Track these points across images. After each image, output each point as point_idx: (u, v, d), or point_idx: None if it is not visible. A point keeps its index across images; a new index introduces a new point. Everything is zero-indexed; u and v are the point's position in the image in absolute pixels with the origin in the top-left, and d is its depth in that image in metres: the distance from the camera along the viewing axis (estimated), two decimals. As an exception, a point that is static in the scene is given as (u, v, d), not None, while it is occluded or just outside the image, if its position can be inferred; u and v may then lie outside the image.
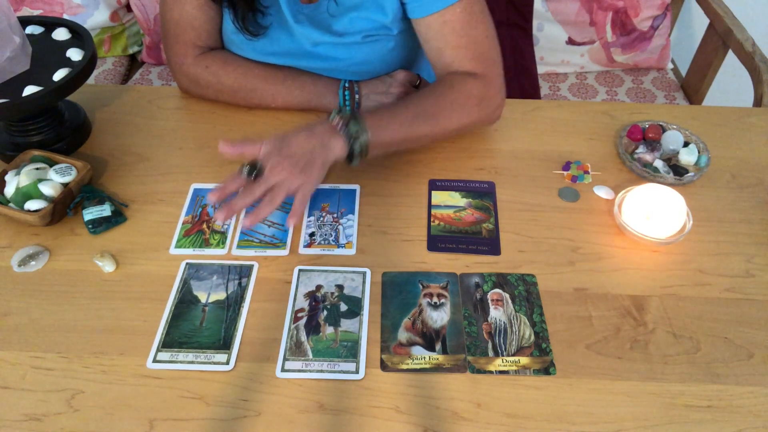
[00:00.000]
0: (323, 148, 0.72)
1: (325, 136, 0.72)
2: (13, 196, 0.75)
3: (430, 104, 0.79)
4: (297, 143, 0.71)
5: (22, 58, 0.81)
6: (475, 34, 0.82)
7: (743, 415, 0.59)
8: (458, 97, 0.81)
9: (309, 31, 0.86)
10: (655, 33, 1.46)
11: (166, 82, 1.49)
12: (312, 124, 0.73)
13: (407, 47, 0.91)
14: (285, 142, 0.71)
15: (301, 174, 0.70)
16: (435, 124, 0.80)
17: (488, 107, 0.84)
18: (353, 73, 0.92)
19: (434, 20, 0.81)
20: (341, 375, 0.62)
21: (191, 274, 0.71)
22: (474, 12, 0.82)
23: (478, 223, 0.77)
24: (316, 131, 0.72)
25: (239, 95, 0.92)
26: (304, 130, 0.72)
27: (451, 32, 0.81)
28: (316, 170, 0.71)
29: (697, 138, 0.87)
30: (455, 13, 0.80)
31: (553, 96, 1.48)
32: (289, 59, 0.91)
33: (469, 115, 0.82)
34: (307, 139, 0.72)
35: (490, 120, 0.87)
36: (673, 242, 0.74)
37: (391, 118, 0.77)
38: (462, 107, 0.81)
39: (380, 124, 0.75)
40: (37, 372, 0.62)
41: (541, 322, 0.67)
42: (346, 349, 0.64)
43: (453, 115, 0.81)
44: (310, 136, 0.72)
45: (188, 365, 0.63)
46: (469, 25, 0.81)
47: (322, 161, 0.72)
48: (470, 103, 0.82)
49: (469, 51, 0.82)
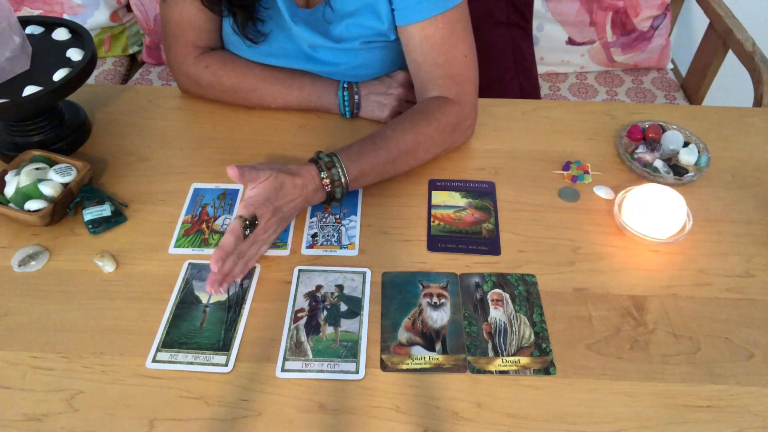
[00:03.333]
0: (304, 204, 0.74)
1: (310, 194, 0.73)
2: (13, 196, 0.75)
3: (410, 141, 0.79)
4: (288, 196, 0.71)
5: (22, 58, 0.81)
6: (454, 53, 0.82)
7: (743, 415, 0.59)
8: (434, 130, 0.80)
9: (307, 34, 0.86)
10: (655, 33, 1.46)
11: (166, 82, 1.49)
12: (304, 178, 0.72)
13: None
14: (281, 195, 0.71)
15: (278, 230, 0.73)
16: (413, 160, 0.81)
17: (461, 133, 0.85)
18: (352, 76, 0.92)
19: (416, 31, 0.81)
20: (341, 375, 0.62)
21: (193, 275, 0.71)
22: (456, 30, 0.81)
23: (478, 223, 0.77)
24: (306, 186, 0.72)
25: (239, 95, 0.92)
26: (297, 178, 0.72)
27: (431, 48, 0.81)
28: (287, 223, 0.75)
29: (697, 138, 0.87)
30: (437, 27, 0.80)
31: (553, 96, 1.48)
32: (287, 61, 0.91)
33: (443, 144, 0.83)
34: (296, 192, 0.72)
35: (462, 142, 0.87)
36: (673, 242, 0.74)
37: (371, 164, 0.76)
38: (438, 139, 0.81)
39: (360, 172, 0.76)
40: (37, 372, 0.62)
41: (541, 322, 0.67)
42: (346, 349, 0.64)
43: (430, 148, 0.82)
44: (300, 189, 0.72)
45: (187, 366, 0.63)
46: (449, 43, 0.81)
47: (294, 215, 0.76)
48: (446, 132, 0.82)
49: (446, 70, 0.82)
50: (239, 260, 0.68)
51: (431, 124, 0.80)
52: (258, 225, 0.69)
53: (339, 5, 0.85)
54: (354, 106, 0.91)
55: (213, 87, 0.92)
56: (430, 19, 0.80)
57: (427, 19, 0.80)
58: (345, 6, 0.85)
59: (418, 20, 0.80)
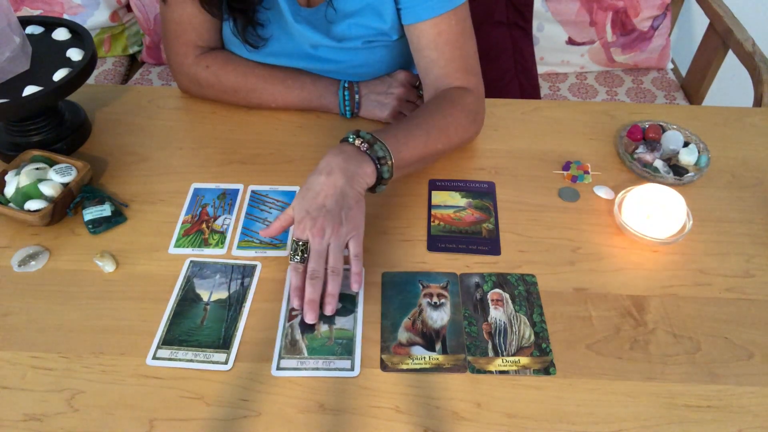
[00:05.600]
0: (351, 181, 0.66)
1: (350, 164, 0.66)
2: (13, 196, 0.75)
3: (439, 120, 0.78)
4: (322, 191, 0.65)
5: (22, 58, 0.81)
6: (467, 48, 0.83)
7: (743, 415, 0.59)
8: (460, 113, 0.81)
9: (309, 33, 0.86)
10: (655, 33, 1.46)
11: (166, 82, 1.49)
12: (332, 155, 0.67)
13: (407, 52, 0.91)
14: (310, 197, 0.65)
15: (343, 225, 0.65)
16: (446, 139, 0.79)
17: (478, 124, 0.85)
18: (353, 74, 0.92)
19: (428, 29, 0.81)
20: (336, 372, 0.62)
21: (194, 272, 0.71)
22: (466, 27, 0.83)
23: (478, 223, 0.77)
24: (336, 165, 0.66)
25: (239, 95, 0.92)
26: (323, 169, 0.66)
27: (446, 43, 0.82)
28: (356, 211, 0.66)
29: (697, 138, 0.87)
30: (450, 24, 0.81)
31: (553, 96, 1.48)
32: (288, 60, 0.91)
33: (467, 131, 0.83)
34: (330, 180, 0.65)
35: (477, 133, 0.88)
36: (673, 242, 0.74)
37: (407, 138, 0.73)
38: (463, 122, 0.82)
39: (399, 144, 0.71)
40: (37, 372, 0.62)
41: (541, 322, 0.67)
42: (341, 347, 0.64)
43: (459, 129, 0.81)
44: (332, 174, 0.66)
45: (187, 363, 0.63)
46: (463, 38, 0.82)
47: (356, 197, 0.66)
48: (469, 118, 0.82)
49: (461, 64, 0.83)
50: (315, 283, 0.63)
51: (456, 107, 0.81)
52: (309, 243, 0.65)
53: (341, 5, 0.85)
54: (354, 105, 0.91)
55: (213, 87, 0.92)
56: (442, 15, 0.80)
57: (440, 15, 0.80)
58: (347, 6, 0.85)
59: (430, 17, 0.81)
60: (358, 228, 0.66)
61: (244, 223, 0.77)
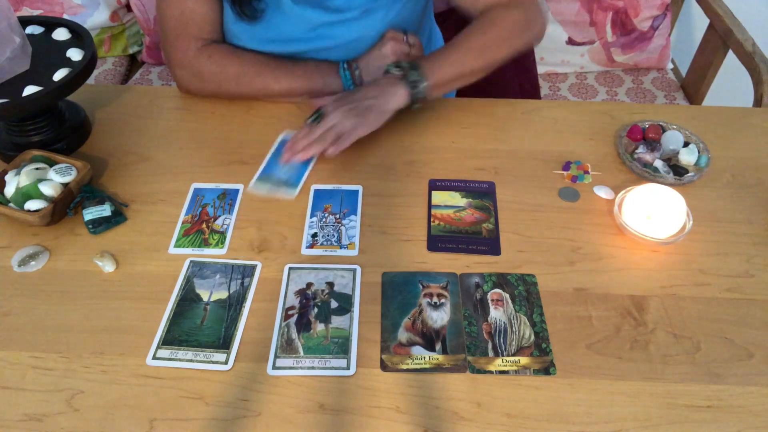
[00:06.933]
0: (383, 97, 0.80)
1: (387, 86, 0.81)
2: (13, 196, 0.75)
3: (477, 40, 0.84)
4: (360, 93, 0.81)
5: (22, 58, 0.81)
6: None
7: (743, 415, 0.59)
8: (502, 30, 0.85)
9: (308, 13, 0.87)
10: (655, 33, 1.46)
11: (166, 82, 1.49)
12: (376, 79, 0.84)
13: (404, 18, 0.92)
14: (348, 93, 0.81)
15: (355, 117, 0.78)
16: (486, 57, 0.85)
17: (533, 29, 0.89)
18: (349, 50, 0.92)
19: None
20: (332, 371, 0.62)
21: (194, 272, 0.71)
22: None
23: (478, 223, 0.77)
24: (379, 82, 0.82)
25: (242, 81, 0.92)
26: (369, 83, 0.83)
27: None
28: (373, 116, 0.80)
29: (697, 138, 0.87)
30: None
31: (553, 96, 1.48)
32: (287, 45, 0.91)
33: (515, 44, 0.87)
34: (369, 89, 0.81)
35: (536, 41, 0.92)
36: (673, 242, 0.74)
37: (444, 59, 0.83)
38: (508, 38, 0.86)
39: (435, 66, 0.82)
40: (37, 372, 0.62)
41: (541, 322, 0.67)
42: (337, 346, 0.64)
43: (502, 46, 0.86)
44: (373, 87, 0.81)
45: (187, 363, 0.63)
46: None
47: (380, 109, 0.80)
48: (516, 30, 0.86)
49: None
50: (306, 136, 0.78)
51: (496, 25, 0.85)
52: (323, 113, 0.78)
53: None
54: (356, 77, 0.91)
55: (216, 76, 0.92)
56: None
57: None
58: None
59: None
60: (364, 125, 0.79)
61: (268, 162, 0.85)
